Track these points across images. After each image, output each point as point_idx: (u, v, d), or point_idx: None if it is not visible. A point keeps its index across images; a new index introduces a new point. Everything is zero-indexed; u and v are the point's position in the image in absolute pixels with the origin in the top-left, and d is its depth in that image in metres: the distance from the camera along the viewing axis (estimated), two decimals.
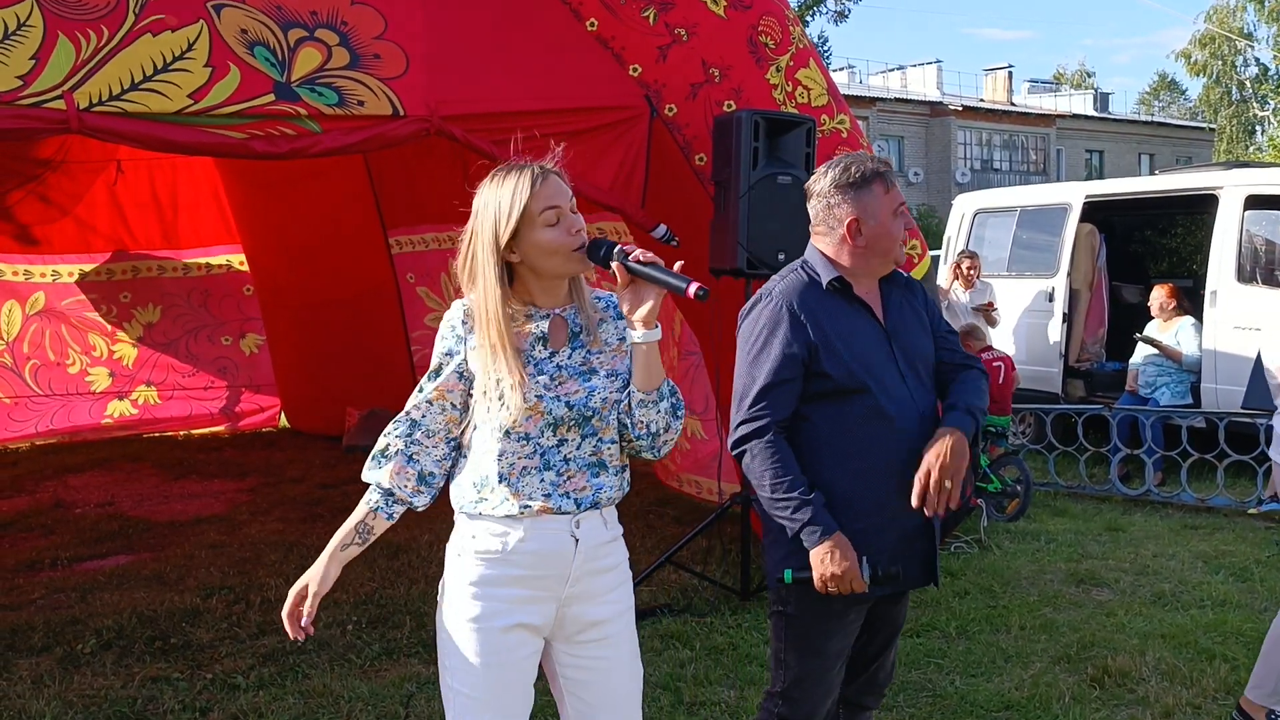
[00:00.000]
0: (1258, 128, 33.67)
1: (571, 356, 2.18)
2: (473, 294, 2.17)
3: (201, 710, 3.83)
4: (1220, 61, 32.86)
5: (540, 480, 2.14)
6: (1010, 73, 42.14)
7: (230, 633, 4.59)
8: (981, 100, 39.75)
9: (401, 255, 8.82)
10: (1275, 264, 7.76)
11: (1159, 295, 8.09)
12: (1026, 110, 40.24)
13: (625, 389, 2.20)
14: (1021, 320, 9.07)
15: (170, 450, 8.91)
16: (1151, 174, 14.52)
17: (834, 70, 33.41)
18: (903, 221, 2.59)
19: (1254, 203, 7.78)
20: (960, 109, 37.17)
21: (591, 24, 4.74)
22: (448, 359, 2.19)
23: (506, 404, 2.11)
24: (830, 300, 2.55)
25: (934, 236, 12.34)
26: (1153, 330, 8.04)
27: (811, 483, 2.48)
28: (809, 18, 28.07)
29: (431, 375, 2.21)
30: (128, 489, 7.56)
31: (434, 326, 9.80)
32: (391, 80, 4.25)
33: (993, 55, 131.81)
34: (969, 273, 8.44)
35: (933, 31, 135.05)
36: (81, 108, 3.77)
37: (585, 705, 2.25)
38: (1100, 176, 36.45)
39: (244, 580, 5.33)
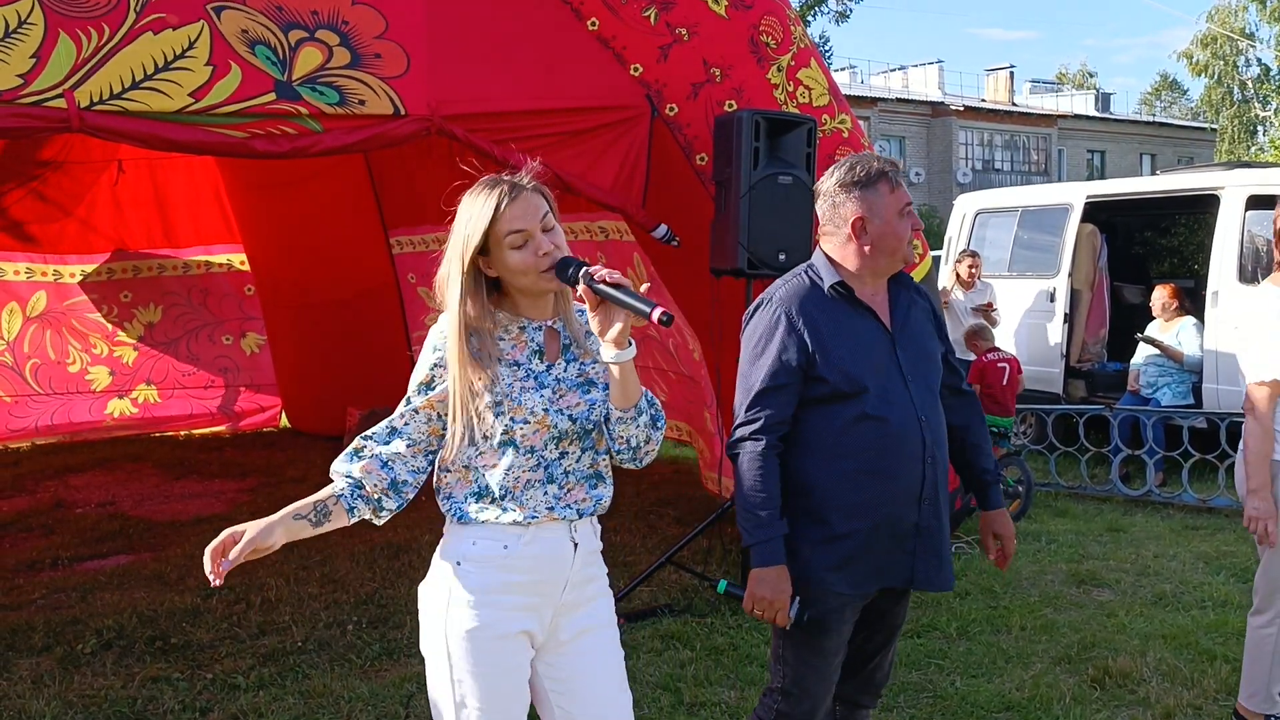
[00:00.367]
0: (1259, 128, 33.61)
1: (567, 369, 2.19)
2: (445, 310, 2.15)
3: (201, 710, 3.83)
4: (1222, 62, 32.78)
5: (544, 493, 2.15)
6: (1012, 73, 42.15)
7: (230, 633, 4.59)
8: (983, 100, 39.74)
9: (402, 255, 8.82)
10: (1276, 264, 7.73)
11: (1160, 295, 8.08)
12: (1028, 110, 40.23)
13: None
14: (1023, 321, 9.06)
15: (171, 450, 8.91)
16: (1153, 174, 14.51)
17: (835, 70, 33.40)
18: (909, 221, 2.59)
19: (1255, 203, 7.77)
20: (962, 109, 37.16)
21: (592, 24, 4.74)
22: (439, 370, 2.15)
23: (504, 406, 2.10)
24: (832, 305, 2.55)
25: (935, 236, 12.33)
26: (1154, 330, 8.03)
27: (805, 491, 2.50)
28: (810, 17, 28.04)
29: (421, 389, 2.16)
30: (128, 489, 7.56)
31: None
32: (393, 80, 4.25)
33: (994, 55, 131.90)
34: (970, 273, 8.42)
35: (934, 31, 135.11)
36: (82, 106, 3.76)
37: (568, 716, 2.23)
38: (1102, 177, 36.45)
39: (244, 580, 5.32)
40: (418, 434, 2.16)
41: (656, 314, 1.98)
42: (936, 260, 8.85)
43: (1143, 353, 8.04)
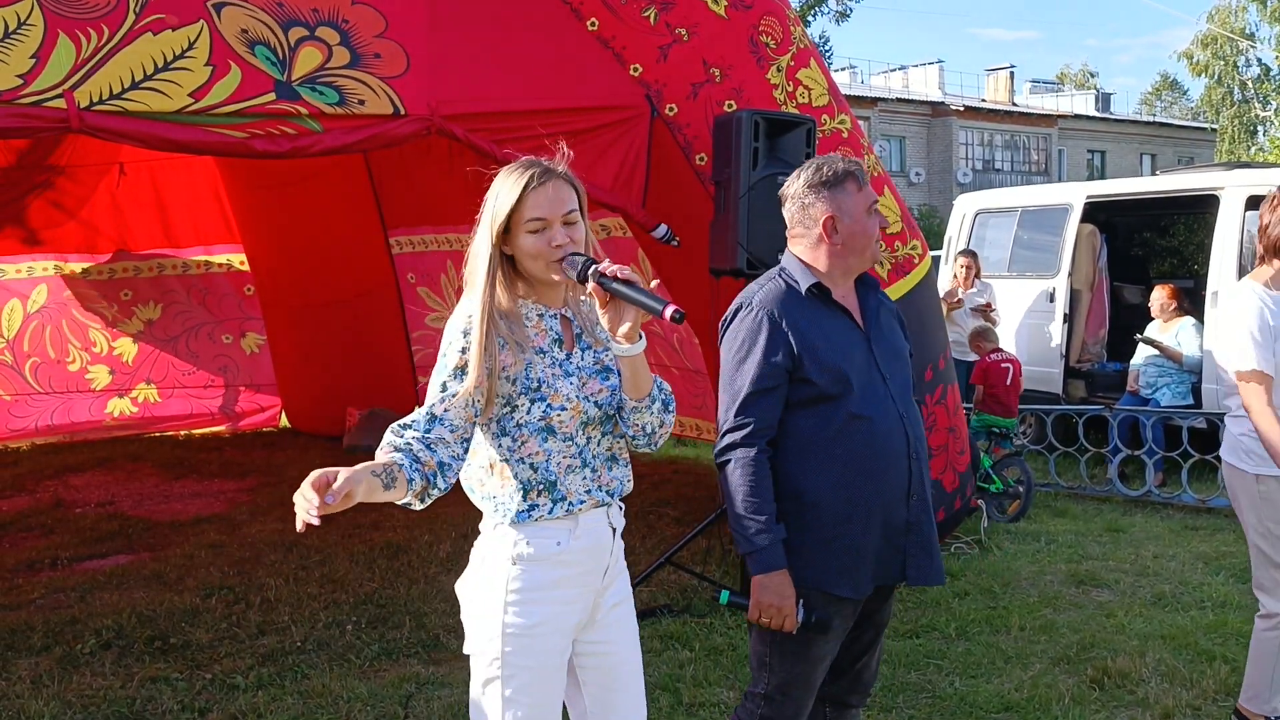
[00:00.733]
0: (1259, 128, 33.60)
1: (584, 358, 2.23)
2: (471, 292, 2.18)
3: (200, 710, 3.83)
4: (1222, 62, 32.78)
5: (583, 478, 2.21)
6: (1012, 73, 42.14)
7: (229, 633, 4.59)
8: (983, 100, 39.73)
9: (402, 255, 8.82)
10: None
11: (1159, 296, 8.09)
12: (1028, 110, 40.23)
13: (617, 387, 2.26)
14: (1022, 321, 9.06)
15: (171, 450, 8.91)
16: (1153, 174, 14.51)
17: (835, 70, 33.42)
18: (877, 220, 2.62)
19: (1255, 203, 7.76)
20: (962, 109, 37.16)
21: (592, 24, 4.74)
22: (466, 356, 2.14)
23: (542, 392, 2.14)
24: (810, 306, 2.57)
25: (935, 236, 12.34)
26: (1153, 331, 8.03)
27: (796, 494, 2.51)
28: (810, 17, 28.06)
29: (457, 374, 2.12)
30: (128, 488, 7.57)
31: (435, 327, 9.78)
32: (392, 79, 4.25)
33: (995, 55, 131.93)
34: (965, 273, 8.45)
35: (935, 31, 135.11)
36: (82, 106, 3.76)
37: (601, 690, 2.31)
38: (1102, 177, 36.45)
39: (243, 580, 5.33)
40: (457, 419, 2.13)
41: (669, 312, 2.00)
42: (936, 260, 8.86)
43: (1142, 353, 8.04)
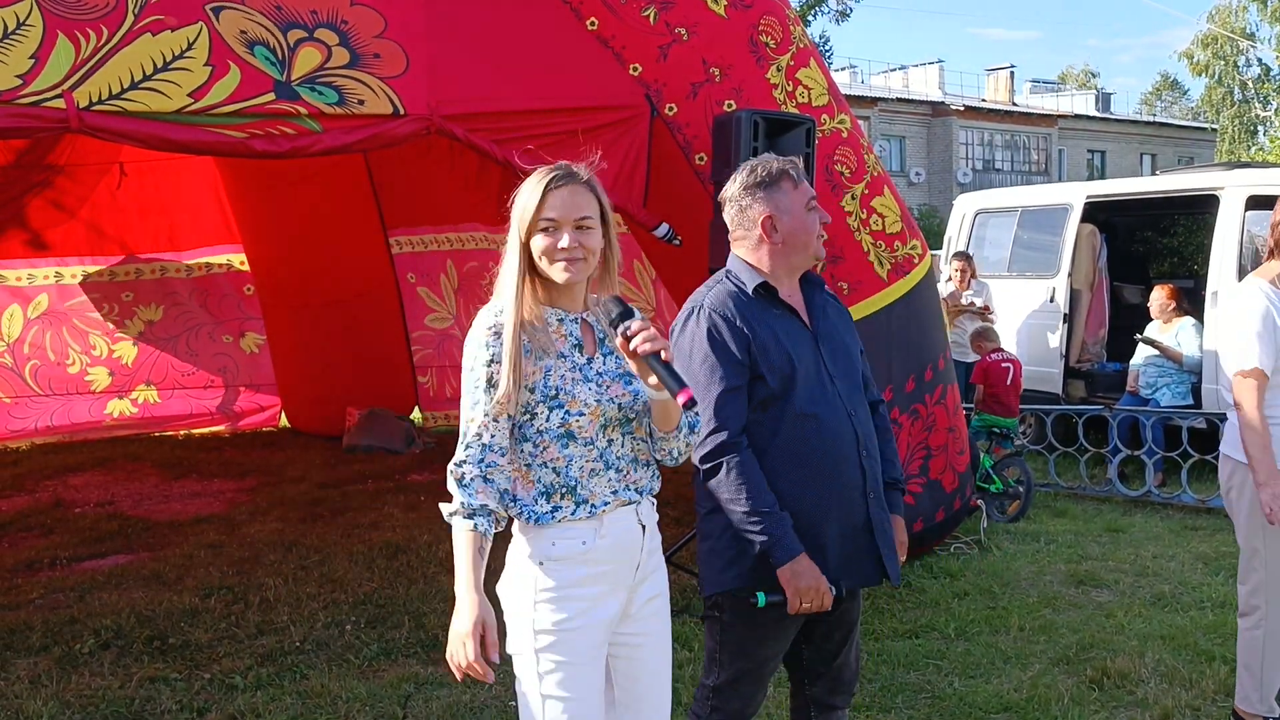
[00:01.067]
0: (1259, 128, 33.60)
1: (606, 362, 2.25)
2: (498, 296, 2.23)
3: (199, 710, 3.83)
4: (1222, 62, 32.78)
5: (607, 479, 2.23)
6: (1012, 73, 42.15)
7: (229, 633, 4.59)
8: (983, 100, 39.73)
9: (402, 255, 8.83)
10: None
11: (1158, 296, 8.08)
12: (1028, 110, 40.23)
13: (641, 392, 2.27)
14: (1022, 321, 9.06)
15: (170, 450, 8.92)
16: (1153, 174, 14.50)
17: (835, 70, 33.42)
18: (816, 215, 2.63)
19: (1255, 203, 7.76)
20: (962, 109, 37.16)
21: (592, 23, 4.73)
22: (495, 367, 2.15)
23: (560, 398, 2.17)
24: (758, 307, 2.58)
25: (935, 236, 12.34)
26: (1153, 331, 8.03)
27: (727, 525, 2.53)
28: (810, 17, 28.06)
29: (484, 387, 2.15)
30: (127, 488, 7.57)
31: (435, 327, 9.78)
32: (392, 79, 4.24)
33: (995, 55, 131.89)
34: (961, 275, 8.47)
35: (935, 31, 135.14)
36: (81, 106, 3.76)
37: (629, 680, 2.34)
38: (1102, 177, 36.45)
39: (243, 580, 5.33)
40: (503, 440, 2.18)
41: (682, 399, 2.09)
42: (936, 260, 8.86)
43: (1142, 353, 8.03)
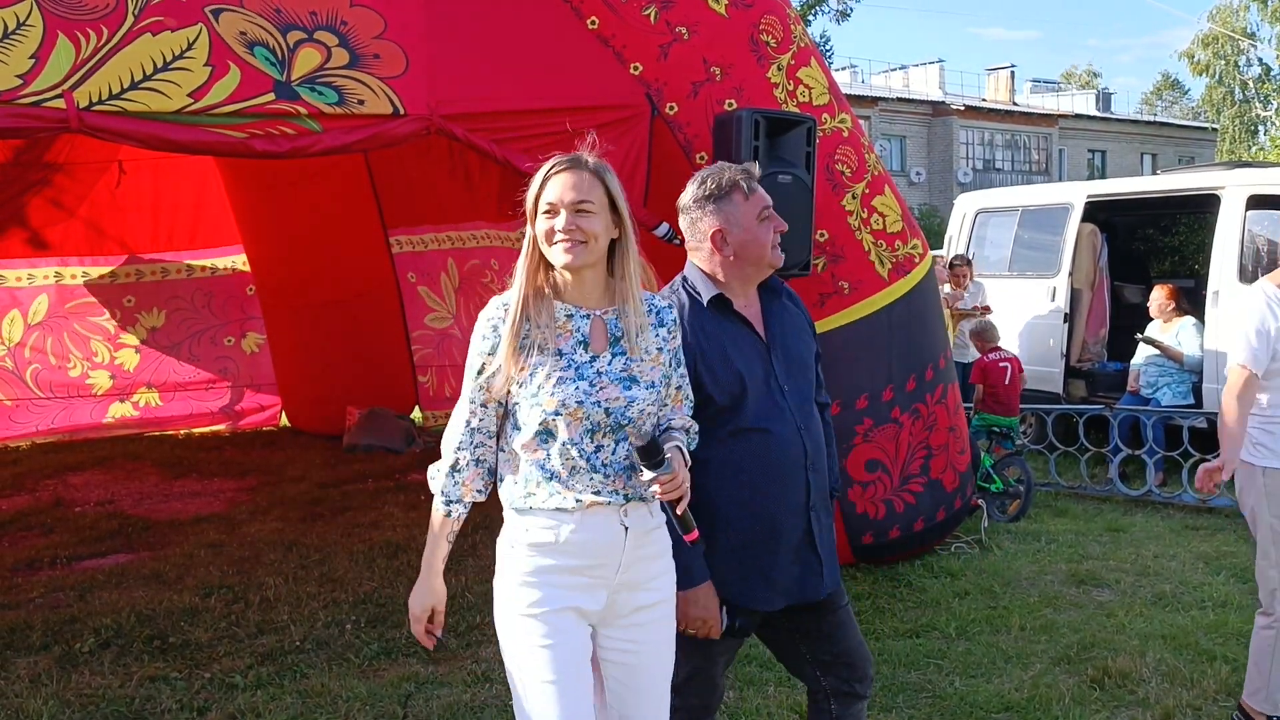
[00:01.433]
0: (1260, 128, 33.59)
1: (612, 363, 2.23)
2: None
3: (199, 710, 3.83)
4: (1223, 61, 32.78)
5: (590, 479, 2.21)
6: (1012, 72, 42.11)
7: (229, 632, 4.59)
8: (984, 100, 39.70)
9: (402, 255, 8.82)
10: (1277, 264, 7.74)
11: (1158, 296, 8.08)
12: (1029, 110, 40.21)
13: (660, 402, 2.28)
14: (1023, 320, 9.06)
15: (171, 449, 8.92)
16: (1154, 174, 14.49)
17: (836, 70, 33.40)
18: (771, 225, 2.60)
19: (1256, 203, 7.77)
20: (962, 109, 37.14)
21: (592, 22, 4.73)
22: (490, 358, 2.22)
23: (539, 397, 2.17)
24: (711, 319, 2.57)
25: (936, 236, 12.33)
26: (1154, 330, 8.02)
27: (698, 510, 2.49)
28: (811, 16, 28.06)
29: (475, 375, 2.24)
30: (128, 488, 7.57)
31: (435, 326, 9.78)
32: (391, 79, 4.24)
33: (996, 55, 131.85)
34: (960, 278, 8.48)
35: (935, 31, 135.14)
36: (81, 107, 3.76)
37: (624, 688, 2.32)
38: (1102, 176, 36.43)
39: (243, 579, 5.33)
40: (491, 425, 2.26)
41: (688, 539, 2.24)
42: (937, 260, 8.86)
43: (1143, 353, 8.03)
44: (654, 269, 6.39)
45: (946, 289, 8.49)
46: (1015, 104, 40.73)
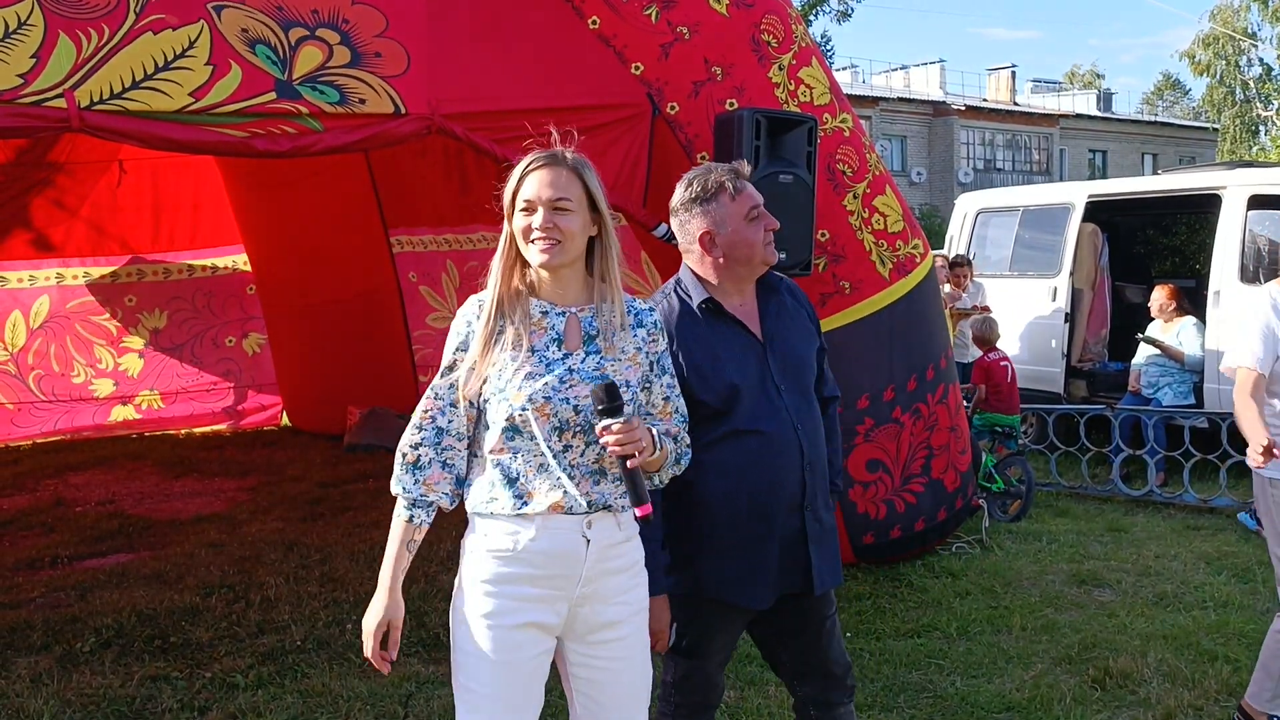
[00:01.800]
0: (1261, 128, 33.54)
1: (585, 361, 2.19)
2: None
3: (200, 709, 3.83)
4: (1224, 61, 32.73)
5: (556, 481, 2.16)
6: (1013, 72, 42.10)
7: (229, 631, 4.59)
8: (984, 100, 39.69)
9: (403, 255, 8.81)
10: (1278, 264, 7.74)
11: (1159, 296, 8.08)
12: (1030, 110, 40.20)
13: (636, 403, 2.23)
14: (1024, 320, 9.06)
15: (171, 449, 8.92)
16: (1155, 174, 14.48)
17: (837, 70, 33.37)
18: (761, 224, 2.58)
19: (1257, 202, 7.76)
20: (963, 109, 37.12)
21: (593, 22, 4.73)
22: (461, 355, 2.20)
23: (507, 391, 2.14)
24: (702, 323, 2.56)
25: (937, 236, 12.31)
26: (1155, 330, 8.02)
27: (691, 509, 2.52)
28: (812, 16, 28.00)
29: (444, 372, 2.21)
30: (129, 487, 7.57)
31: (436, 326, 9.78)
32: (393, 78, 4.24)
33: (997, 55, 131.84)
34: (960, 279, 8.47)
35: (936, 31, 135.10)
36: (82, 106, 3.76)
37: (595, 704, 2.27)
38: (1103, 176, 36.40)
39: (244, 579, 5.33)
40: (461, 426, 2.21)
41: (635, 511, 2.13)
42: (938, 260, 8.85)
43: (1144, 353, 8.03)
44: (655, 268, 6.38)
45: (946, 289, 8.49)
46: (1016, 104, 40.72)
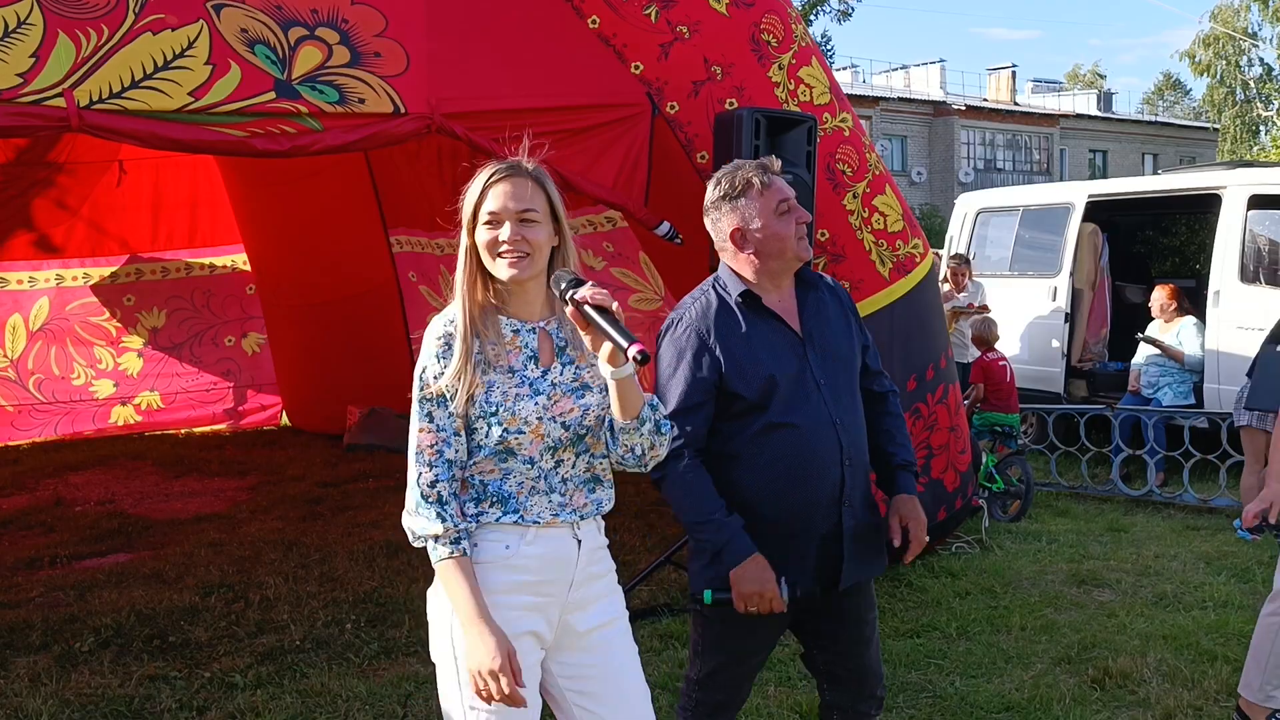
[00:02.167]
0: (1261, 128, 33.52)
1: (563, 373, 2.17)
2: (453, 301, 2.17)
3: (199, 709, 3.83)
4: (1224, 61, 32.71)
5: (548, 501, 2.15)
6: (1014, 72, 42.10)
7: (229, 631, 4.59)
8: (985, 100, 39.69)
9: (403, 254, 8.81)
10: (1278, 264, 7.74)
11: (1159, 296, 8.08)
12: (1030, 110, 40.20)
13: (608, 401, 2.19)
14: (1024, 320, 9.05)
15: (171, 448, 8.92)
16: (1155, 174, 14.47)
17: (837, 69, 33.37)
18: (793, 217, 2.57)
19: (1257, 202, 7.76)
20: (964, 109, 37.12)
21: (593, 21, 4.72)
22: (440, 380, 2.11)
23: (499, 415, 2.10)
24: (741, 317, 2.56)
25: (937, 236, 12.32)
26: (1155, 330, 8.02)
27: (729, 504, 2.51)
28: (812, 16, 28.00)
29: (436, 401, 2.12)
30: (128, 487, 7.57)
31: None
32: (392, 78, 4.23)
33: (997, 55, 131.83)
34: (958, 278, 8.48)
35: (936, 31, 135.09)
36: (82, 105, 3.75)
37: (590, 715, 2.23)
38: (1104, 176, 36.40)
39: (243, 579, 5.33)
40: (462, 454, 2.13)
41: (633, 350, 1.96)
42: (938, 259, 8.85)
43: (1144, 352, 8.03)
44: (655, 268, 6.39)
45: (945, 289, 8.49)
46: (1016, 104, 40.72)
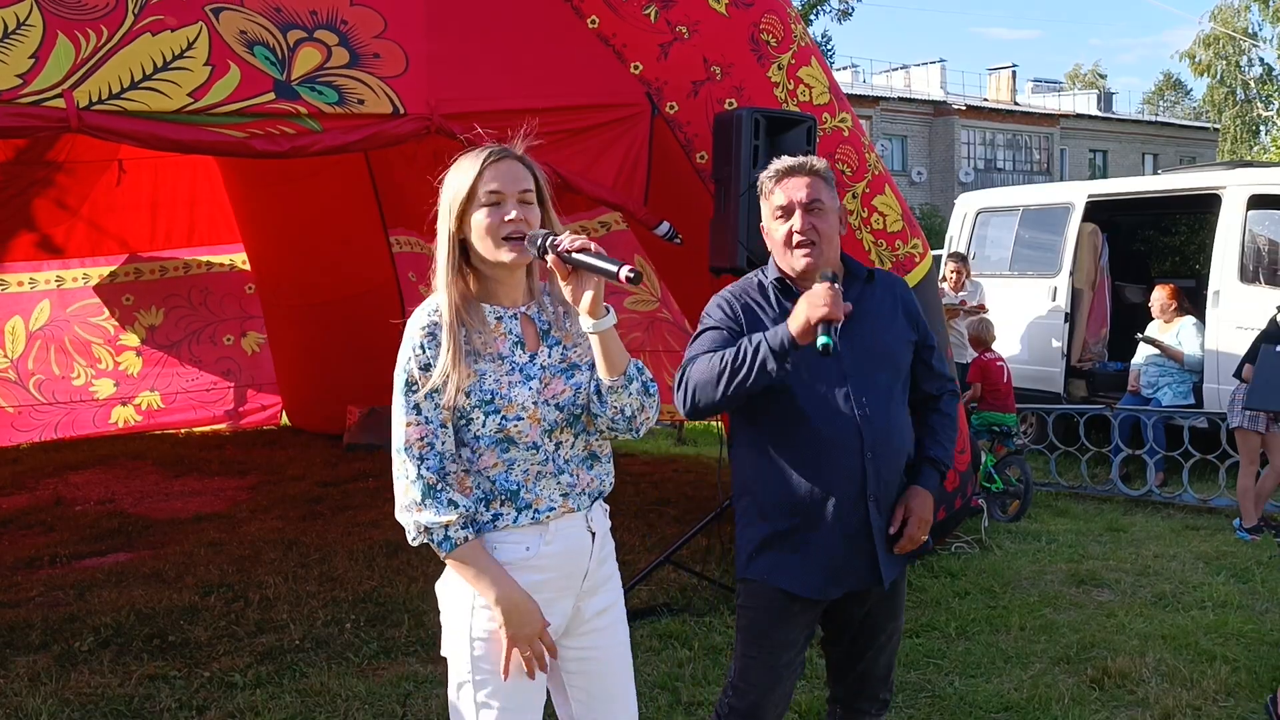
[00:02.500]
0: (1261, 128, 33.50)
1: (550, 355, 2.18)
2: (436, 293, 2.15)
3: (198, 709, 3.83)
4: (1224, 61, 32.72)
5: (556, 483, 2.15)
6: (1014, 72, 42.09)
7: (228, 631, 4.59)
8: (985, 100, 39.68)
9: (402, 254, 8.81)
10: (1278, 264, 7.74)
11: (1159, 296, 8.08)
12: (1030, 110, 40.18)
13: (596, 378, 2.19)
14: (1024, 320, 9.06)
15: (171, 448, 8.92)
16: (1155, 174, 14.47)
17: (837, 69, 33.37)
18: (788, 225, 2.57)
19: (1257, 202, 7.77)
20: (964, 108, 37.11)
21: (593, 21, 4.72)
22: (428, 372, 2.10)
23: (495, 404, 2.10)
24: (770, 300, 2.62)
25: (937, 236, 12.33)
26: (1155, 330, 8.02)
27: (749, 489, 2.59)
28: (812, 16, 27.98)
29: (421, 392, 2.10)
30: (128, 486, 7.57)
31: None
32: (391, 79, 4.24)
33: (998, 55, 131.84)
34: (956, 276, 8.48)
35: (936, 31, 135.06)
36: (81, 106, 3.75)
37: (587, 696, 2.26)
38: (1104, 176, 36.39)
39: (243, 578, 5.33)
40: (451, 446, 2.12)
41: (624, 271, 1.98)
42: (938, 259, 8.85)
43: (1143, 352, 8.03)
44: (652, 268, 6.38)
45: (943, 288, 8.49)
46: (1016, 104, 40.70)
